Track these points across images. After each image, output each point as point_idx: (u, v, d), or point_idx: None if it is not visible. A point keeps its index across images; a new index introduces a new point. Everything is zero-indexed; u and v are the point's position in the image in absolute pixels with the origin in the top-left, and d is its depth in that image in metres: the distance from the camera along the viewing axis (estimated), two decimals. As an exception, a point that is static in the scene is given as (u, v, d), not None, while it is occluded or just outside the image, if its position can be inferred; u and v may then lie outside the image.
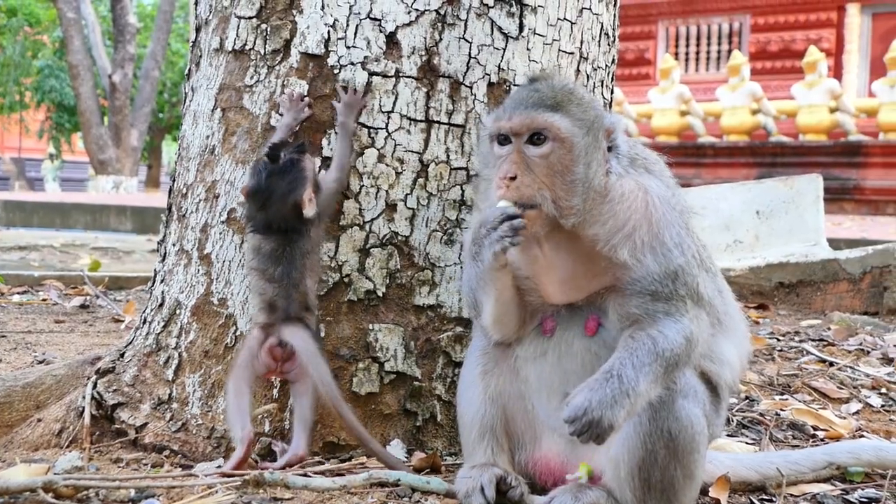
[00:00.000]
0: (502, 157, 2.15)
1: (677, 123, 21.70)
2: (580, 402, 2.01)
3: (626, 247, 2.13)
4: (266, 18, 2.74)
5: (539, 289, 2.27)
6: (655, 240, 2.15)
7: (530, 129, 2.12)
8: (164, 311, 2.87)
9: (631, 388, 2.03)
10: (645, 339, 2.10)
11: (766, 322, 5.48)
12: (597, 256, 2.17)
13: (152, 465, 2.62)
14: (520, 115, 2.14)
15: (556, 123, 2.12)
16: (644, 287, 2.14)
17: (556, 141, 2.12)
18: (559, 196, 2.11)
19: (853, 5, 23.53)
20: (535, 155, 2.12)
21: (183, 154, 2.96)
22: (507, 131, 2.14)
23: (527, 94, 2.19)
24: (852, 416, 3.48)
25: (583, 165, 2.13)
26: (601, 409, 2.00)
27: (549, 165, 2.12)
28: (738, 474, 2.56)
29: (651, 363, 2.06)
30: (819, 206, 6.69)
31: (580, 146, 2.13)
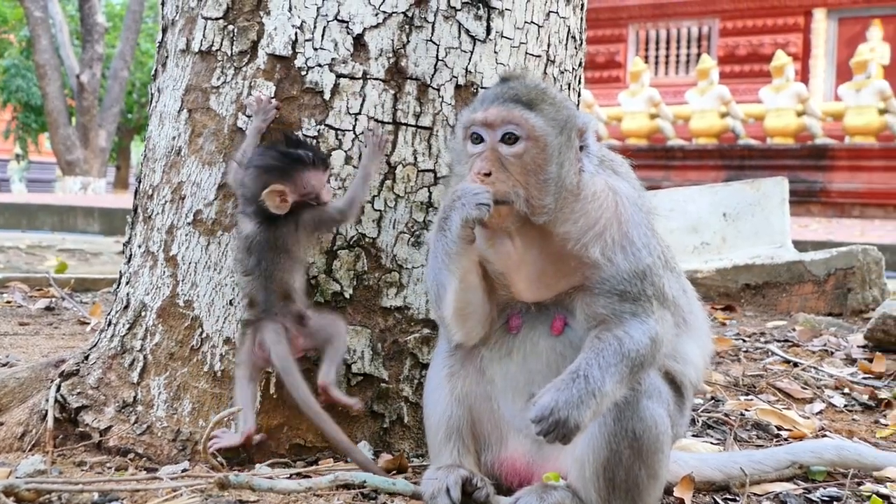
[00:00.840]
0: (475, 155, 2.16)
1: (647, 126, 21.86)
2: (547, 403, 2.03)
3: (597, 245, 2.16)
4: (233, 20, 2.73)
5: (509, 285, 2.28)
6: (625, 239, 2.18)
7: (504, 122, 2.14)
8: (130, 313, 2.85)
9: (597, 388, 2.04)
10: (611, 340, 2.11)
11: (732, 323, 5.52)
12: (567, 255, 2.18)
13: (116, 468, 2.60)
14: (495, 108, 2.15)
15: (531, 122, 2.13)
16: (613, 287, 2.16)
17: (529, 140, 2.13)
18: (532, 195, 2.13)
19: (820, 10, 23.81)
20: (508, 154, 2.13)
21: (149, 155, 2.94)
22: (481, 123, 2.15)
23: (501, 90, 2.20)
24: (816, 415, 3.52)
25: (556, 165, 2.15)
26: (568, 410, 2.01)
27: (522, 164, 2.13)
28: (703, 474, 2.58)
29: (617, 364, 2.08)
30: (785, 208, 6.75)
31: (553, 146, 2.15)
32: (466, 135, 2.20)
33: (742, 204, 6.75)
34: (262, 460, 2.61)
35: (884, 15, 22.87)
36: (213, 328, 2.70)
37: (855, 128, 19.71)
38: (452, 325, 2.30)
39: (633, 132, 21.81)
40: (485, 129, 2.16)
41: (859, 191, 19.50)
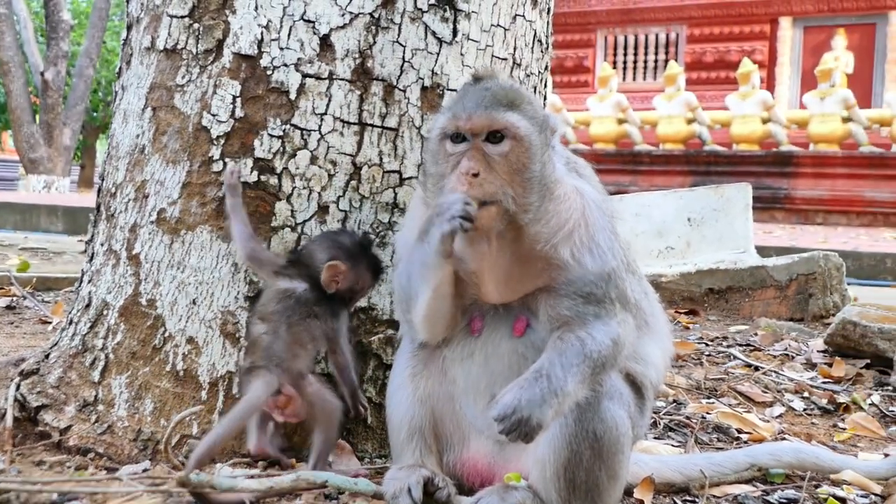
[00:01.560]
0: (457, 154, 2.16)
1: (615, 131, 21.99)
2: (509, 401, 2.04)
3: (566, 246, 2.18)
4: (198, 18, 2.72)
5: (479, 286, 2.28)
6: (592, 241, 2.20)
7: (490, 129, 2.14)
8: (91, 312, 2.83)
9: (559, 387, 2.06)
10: (574, 341, 2.13)
11: (695, 327, 5.57)
12: (536, 257, 2.20)
13: (76, 468, 2.58)
14: (479, 115, 2.14)
15: (516, 123, 2.14)
16: (579, 288, 2.18)
17: (514, 140, 2.14)
18: (518, 193, 2.14)
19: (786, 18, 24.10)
20: (494, 153, 2.13)
21: (112, 153, 2.92)
22: (467, 132, 2.15)
23: (481, 94, 2.19)
24: (775, 419, 3.57)
25: (539, 163, 2.17)
26: (530, 408, 2.02)
27: (508, 163, 2.14)
28: (663, 476, 2.61)
29: (579, 364, 2.10)
30: (748, 214, 6.83)
31: (536, 144, 2.16)
32: (446, 134, 2.19)
33: (706, 209, 6.82)
34: (224, 460, 2.60)
35: (848, 24, 23.21)
36: (176, 327, 2.68)
37: (819, 135, 19.95)
38: (420, 328, 2.31)
39: (600, 137, 21.93)
40: (468, 132, 2.15)
41: (823, 198, 19.74)
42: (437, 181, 2.21)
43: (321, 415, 2.49)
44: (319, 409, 2.49)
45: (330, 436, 2.50)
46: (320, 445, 2.49)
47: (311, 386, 2.49)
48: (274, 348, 2.47)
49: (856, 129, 19.71)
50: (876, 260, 12.32)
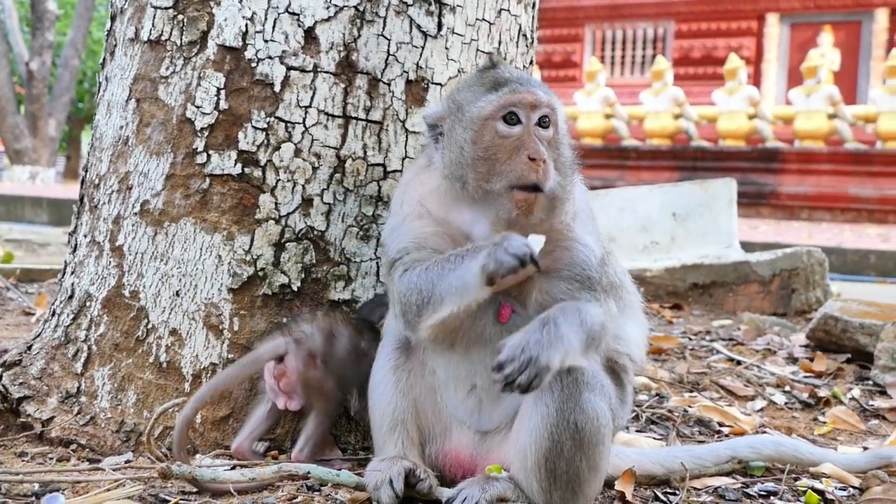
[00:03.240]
0: (513, 138, 2.16)
1: (602, 126, 22.02)
2: (517, 342, 2.04)
3: (577, 227, 2.25)
4: (183, 9, 2.72)
5: None
6: (589, 225, 2.29)
7: (545, 105, 2.17)
8: (74, 304, 2.83)
9: (566, 335, 2.07)
10: (573, 306, 2.15)
11: (679, 321, 5.61)
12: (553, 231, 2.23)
13: (58, 459, 2.58)
14: (539, 90, 2.18)
15: (558, 107, 2.22)
16: (579, 272, 2.22)
17: (554, 126, 2.20)
18: (559, 178, 2.19)
19: (773, 15, 24.19)
20: (544, 137, 2.17)
21: (96, 144, 2.92)
22: (529, 104, 2.16)
23: (522, 76, 2.23)
24: (757, 412, 3.59)
25: (567, 148, 2.24)
26: (539, 349, 2.02)
27: (553, 148, 2.19)
28: (644, 468, 2.62)
29: (579, 326, 2.11)
30: (732, 209, 6.85)
31: (563, 132, 2.24)
32: (498, 115, 2.17)
33: (691, 204, 6.85)
34: (206, 451, 2.61)
35: (835, 21, 23.30)
36: (159, 319, 2.68)
37: (805, 132, 20.04)
38: (425, 331, 2.24)
39: (588, 132, 21.96)
40: (527, 110, 2.17)
41: (808, 194, 19.83)
42: (488, 167, 2.17)
43: (318, 401, 2.51)
44: (317, 393, 2.50)
45: (322, 424, 2.52)
46: (310, 430, 2.52)
47: (315, 370, 2.50)
48: (304, 328, 2.50)
49: (841, 125, 19.80)
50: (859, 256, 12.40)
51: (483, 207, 2.20)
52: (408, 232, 2.30)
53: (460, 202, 2.24)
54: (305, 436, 2.52)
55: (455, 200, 2.24)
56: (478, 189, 2.18)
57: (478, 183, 2.18)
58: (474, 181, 2.19)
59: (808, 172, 19.88)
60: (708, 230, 6.77)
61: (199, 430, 2.63)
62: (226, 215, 2.67)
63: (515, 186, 2.13)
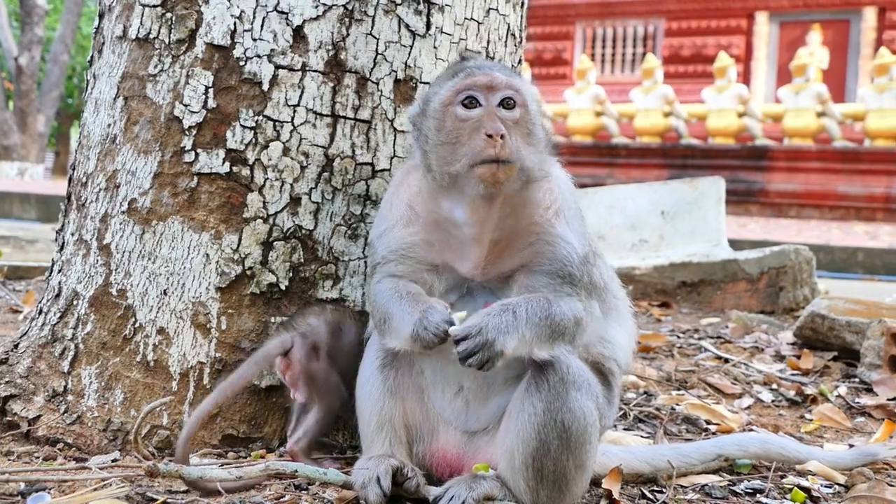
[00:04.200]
0: (472, 120, 2.17)
1: (592, 124, 22.05)
2: (476, 322, 2.09)
3: (559, 221, 2.26)
4: (171, 7, 2.71)
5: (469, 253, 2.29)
6: (574, 222, 2.29)
7: (506, 87, 2.19)
8: (61, 302, 2.82)
9: (523, 325, 2.11)
10: (541, 299, 2.18)
11: (668, 320, 5.62)
12: (526, 229, 2.25)
13: (44, 458, 2.57)
14: (496, 72, 2.20)
15: (525, 88, 2.23)
16: (560, 268, 2.23)
17: (522, 107, 2.21)
18: (530, 157, 2.19)
19: (762, 14, 24.25)
20: (508, 118, 2.18)
21: (83, 142, 2.91)
22: (484, 86, 2.18)
23: (485, 62, 2.27)
24: (744, 410, 3.61)
25: (541, 130, 2.25)
26: (496, 333, 2.07)
27: (519, 129, 2.20)
28: (631, 466, 2.63)
29: (542, 320, 2.14)
30: (721, 207, 6.87)
31: (537, 113, 2.25)
32: (456, 100, 2.20)
33: (680, 202, 6.86)
34: (194, 450, 2.60)
35: (823, 20, 23.39)
36: (147, 318, 2.68)
37: (793, 130, 20.11)
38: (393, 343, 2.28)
39: (578, 129, 21.98)
40: (485, 92, 2.19)
41: (797, 191, 19.90)
42: (450, 151, 2.19)
43: (319, 395, 2.53)
44: (320, 387, 2.53)
45: (324, 419, 2.54)
46: (310, 423, 2.53)
47: (318, 362, 2.52)
48: (310, 321, 2.54)
49: (829, 123, 19.88)
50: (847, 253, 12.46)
51: (455, 193, 2.21)
52: (394, 240, 2.33)
53: (437, 194, 2.26)
54: (304, 428, 2.54)
55: (433, 193, 2.27)
56: (444, 175, 2.19)
57: (441, 168, 2.20)
58: (438, 167, 2.21)
59: (797, 170, 19.95)
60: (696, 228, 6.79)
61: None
62: (213, 214, 2.66)
63: (476, 163, 2.13)
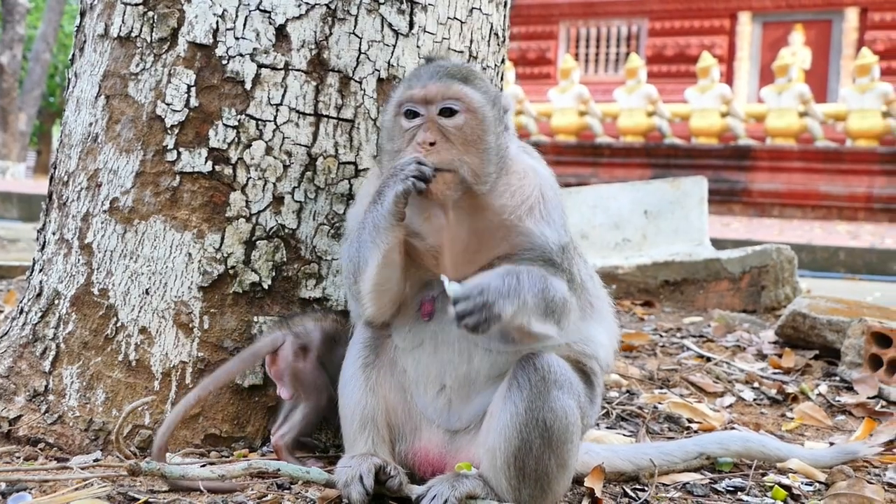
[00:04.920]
0: (412, 129, 2.20)
1: (576, 123, 22.09)
2: (477, 283, 2.08)
3: (531, 218, 2.25)
4: (153, 6, 2.70)
5: (437, 259, 2.30)
6: (549, 216, 2.28)
7: (445, 98, 2.19)
8: (42, 301, 2.81)
9: (524, 291, 2.10)
10: (540, 272, 2.18)
11: (650, 318, 5.63)
12: (495, 228, 2.25)
13: (25, 458, 2.56)
14: (434, 83, 2.20)
15: (470, 94, 2.21)
16: (540, 254, 2.24)
17: (468, 112, 2.20)
18: (474, 163, 2.19)
19: (745, 14, 24.35)
20: (449, 125, 2.18)
21: (65, 141, 2.90)
22: (420, 100, 2.19)
23: (435, 68, 2.26)
24: (726, 409, 3.63)
25: (493, 135, 2.23)
26: (496, 296, 2.06)
27: (463, 136, 2.19)
28: (613, 465, 2.64)
29: (541, 290, 2.14)
30: (703, 206, 6.89)
31: (489, 118, 2.23)
32: (400, 111, 2.23)
33: (663, 202, 6.88)
34: (176, 450, 2.60)
35: (806, 20, 23.51)
36: (129, 317, 2.67)
37: (776, 129, 20.20)
38: (367, 299, 2.31)
39: (562, 129, 22.01)
40: (422, 105, 2.20)
41: (779, 191, 20.00)
42: (393, 157, 2.25)
43: (306, 393, 2.54)
44: (307, 386, 2.54)
45: (308, 417, 2.56)
46: (296, 420, 2.55)
47: (305, 363, 2.54)
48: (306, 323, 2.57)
49: (812, 123, 19.98)
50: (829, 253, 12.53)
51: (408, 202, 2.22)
52: (355, 217, 2.36)
53: None
54: (290, 424, 2.55)
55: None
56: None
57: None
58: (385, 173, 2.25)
59: (780, 170, 20.05)
60: (679, 228, 6.81)
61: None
62: (196, 213, 2.66)
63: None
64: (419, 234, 2.28)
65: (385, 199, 2.16)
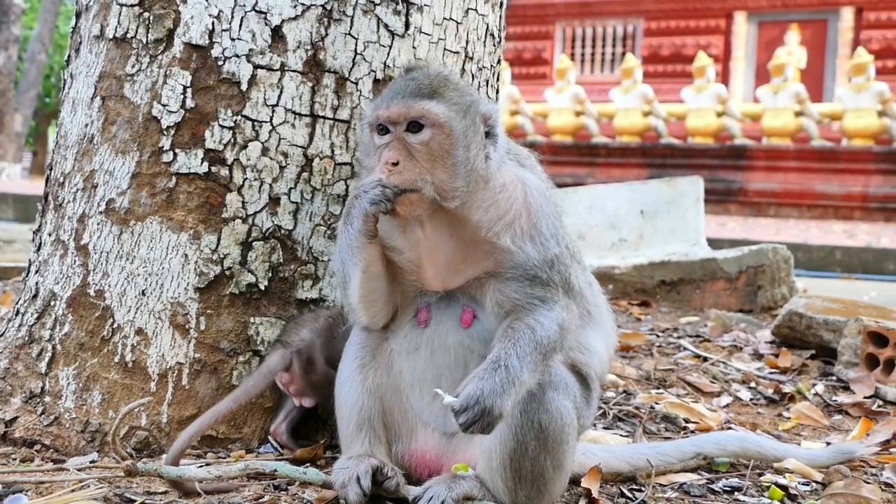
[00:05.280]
0: (382, 146, 2.19)
1: (572, 123, 22.09)
2: (472, 392, 2.06)
3: (508, 234, 2.22)
4: (149, 7, 2.70)
5: (419, 273, 2.31)
6: (534, 229, 2.24)
7: (407, 118, 2.17)
8: (39, 303, 2.80)
9: (517, 377, 2.09)
10: (525, 330, 2.16)
11: (647, 318, 5.64)
12: (478, 241, 2.23)
13: (22, 459, 2.56)
14: (397, 104, 2.18)
15: (433, 110, 2.17)
16: (524, 272, 2.22)
17: (434, 127, 2.17)
18: (441, 179, 2.16)
19: (741, 13, 24.37)
20: (415, 142, 2.17)
21: (61, 142, 2.89)
22: (385, 120, 2.19)
23: (403, 84, 2.24)
24: (722, 409, 3.63)
25: (462, 148, 2.19)
26: (492, 398, 2.05)
27: (429, 151, 2.17)
28: (610, 465, 2.64)
29: (532, 352, 2.13)
30: (700, 206, 6.89)
31: (458, 130, 2.19)
32: (373, 127, 2.23)
33: (659, 202, 6.88)
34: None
35: (801, 20, 23.53)
36: (125, 318, 2.67)
37: (772, 129, 20.22)
38: (358, 309, 2.36)
39: (558, 129, 22.02)
40: (390, 122, 2.19)
41: (775, 191, 20.02)
42: (367, 172, 2.28)
43: (326, 395, 2.56)
44: (324, 389, 2.57)
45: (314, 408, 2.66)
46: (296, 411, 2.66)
47: (317, 373, 2.60)
48: (302, 333, 2.61)
49: (807, 123, 20.00)
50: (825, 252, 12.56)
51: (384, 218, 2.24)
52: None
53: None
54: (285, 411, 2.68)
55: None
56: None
57: None
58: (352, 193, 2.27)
59: (776, 169, 20.06)
60: (675, 228, 6.81)
61: (165, 430, 2.63)
62: (192, 214, 2.66)
63: None
64: (397, 249, 2.29)
65: (353, 220, 2.20)
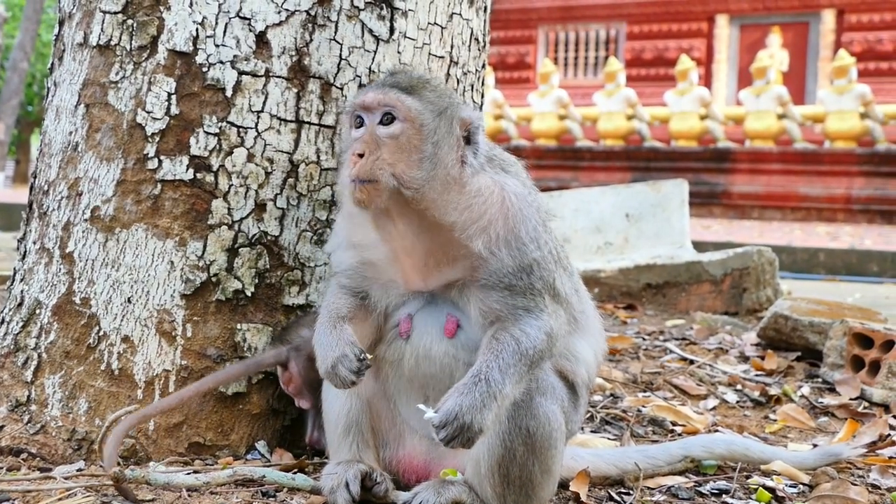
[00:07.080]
0: (355, 138, 2.20)
1: (556, 127, 22.14)
2: (450, 408, 2.03)
3: (481, 239, 2.18)
4: (132, 14, 2.69)
5: (399, 265, 2.28)
6: (510, 234, 2.20)
7: (381, 105, 2.18)
8: (24, 311, 2.79)
9: (498, 390, 2.06)
10: (509, 340, 2.14)
11: (633, 322, 5.65)
12: (454, 243, 2.20)
13: (8, 468, 2.54)
14: (373, 92, 2.20)
15: (406, 103, 2.18)
16: (500, 279, 2.18)
17: (405, 121, 2.17)
18: (402, 170, 2.14)
19: (722, 17, 24.52)
20: (384, 134, 2.17)
21: (45, 150, 2.88)
22: (360, 107, 2.20)
23: (384, 79, 2.27)
24: (709, 411, 3.64)
25: (431, 145, 2.18)
26: (471, 414, 2.02)
27: (398, 144, 2.16)
28: (598, 469, 2.64)
29: (516, 364, 2.11)
30: (684, 209, 6.92)
31: (429, 127, 2.18)
32: (351, 120, 2.23)
33: (644, 205, 6.90)
34: (160, 458, 2.59)
35: (783, 22, 23.69)
36: (111, 326, 2.66)
37: (755, 132, 20.33)
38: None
39: (542, 133, 22.07)
40: (364, 111, 2.20)
41: (758, 193, 20.12)
42: (344, 166, 2.27)
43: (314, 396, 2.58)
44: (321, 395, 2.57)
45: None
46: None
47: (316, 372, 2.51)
48: (303, 333, 2.59)
49: (790, 125, 20.12)
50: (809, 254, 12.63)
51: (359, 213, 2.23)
52: (340, 262, 2.38)
53: (354, 215, 2.28)
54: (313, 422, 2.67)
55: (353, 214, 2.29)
56: (341, 194, 2.25)
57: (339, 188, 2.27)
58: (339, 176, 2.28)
59: (759, 172, 20.18)
60: (660, 231, 6.83)
61: (152, 437, 2.61)
62: (178, 221, 2.65)
63: (347, 182, 2.17)
64: (371, 246, 2.27)
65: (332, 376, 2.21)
